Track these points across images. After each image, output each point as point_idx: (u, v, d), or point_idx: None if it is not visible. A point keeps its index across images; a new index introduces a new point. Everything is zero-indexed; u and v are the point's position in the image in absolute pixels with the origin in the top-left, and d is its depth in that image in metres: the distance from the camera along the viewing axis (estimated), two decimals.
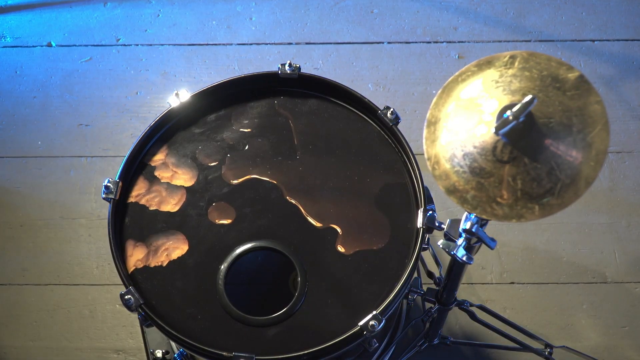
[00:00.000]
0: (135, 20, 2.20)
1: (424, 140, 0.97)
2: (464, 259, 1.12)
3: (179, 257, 1.25)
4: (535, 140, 0.90)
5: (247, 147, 1.34)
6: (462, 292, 1.80)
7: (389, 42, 2.14)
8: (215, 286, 1.22)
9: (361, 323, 1.15)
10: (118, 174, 1.28)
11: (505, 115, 0.87)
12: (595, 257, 1.84)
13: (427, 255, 1.78)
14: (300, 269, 1.23)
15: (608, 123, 0.89)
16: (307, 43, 2.15)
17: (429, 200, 1.29)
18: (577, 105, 0.90)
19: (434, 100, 0.98)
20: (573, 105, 0.90)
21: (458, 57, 2.11)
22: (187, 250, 1.25)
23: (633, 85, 2.06)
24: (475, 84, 0.95)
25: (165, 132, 1.35)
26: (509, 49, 1.95)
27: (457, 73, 0.98)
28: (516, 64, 0.94)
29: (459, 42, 2.13)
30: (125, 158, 1.29)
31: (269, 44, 2.15)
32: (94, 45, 2.17)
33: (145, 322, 1.18)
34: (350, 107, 1.37)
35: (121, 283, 1.20)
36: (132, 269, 1.23)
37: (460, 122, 0.94)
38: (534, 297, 1.80)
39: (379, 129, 1.35)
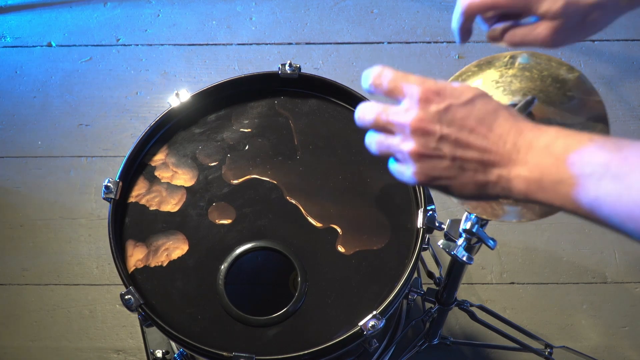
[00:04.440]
0: (135, 20, 2.20)
1: None
2: (464, 259, 1.13)
3: (179, 257, 1.24)
4: None
5: (247, 147, 1.34)
6: (462, 292, 1.80)
7: (389, 42, 2.14)
8: (215, 286, 1.22)
9: (361, 323, 1.15)
10: (118, 174, 1.27)
11: None
12: (595, 257, 1.84)
13: (427, 255, 1.78)
14: (300, 269, 1.23)
15: (608, 123, 0.89)
16: (307, 43, 2.15)
17: (429, 200, 1.28)
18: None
19: None
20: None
21: (458, 57, 2.11)
22: (187, 250, 1.25)
23: (633, 85, 2.06)
24: (475, 84, 0.95)
25: (166, 132, 1.35)
26: (509, 49, 1.95)
27: (457, 73, 0.98)
28: (516, 64, 0.94)
29: None
30: (126, 158, 1.28)
31: (269, 44, 2.15)
32: (94, 45, 2.17)
33: (145, 322, 1.18)
34: (351, 107, 1.37)
35: (121, 283, 1.20)
36: (132, 269, 1.23)
37: None
38: (534, 297, 1.80)
39: None
